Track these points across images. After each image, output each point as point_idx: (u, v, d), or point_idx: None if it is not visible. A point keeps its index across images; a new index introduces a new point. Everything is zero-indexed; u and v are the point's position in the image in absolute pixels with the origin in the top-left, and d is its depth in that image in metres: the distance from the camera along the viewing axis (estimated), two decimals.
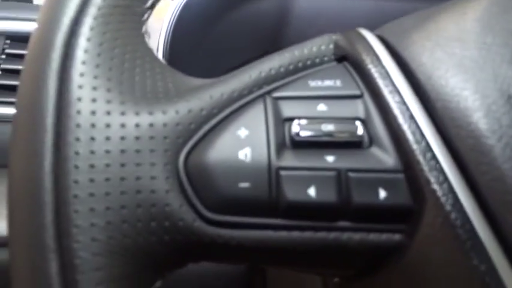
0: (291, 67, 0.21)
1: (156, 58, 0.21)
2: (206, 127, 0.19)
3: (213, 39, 0.50)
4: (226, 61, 0.52)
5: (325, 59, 0.22)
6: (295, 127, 0.18)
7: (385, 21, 0.25)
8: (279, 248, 0.18)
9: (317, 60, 0.21)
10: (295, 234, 0.17)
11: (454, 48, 0.19)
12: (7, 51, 0.58)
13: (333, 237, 0.17)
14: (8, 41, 0.59)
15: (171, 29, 0.46)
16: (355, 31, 0.22)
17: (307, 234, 0.17)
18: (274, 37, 0.56)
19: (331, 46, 0.22)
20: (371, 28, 0.24)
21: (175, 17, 0.46)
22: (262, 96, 0.19)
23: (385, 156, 0.18)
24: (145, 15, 0.22)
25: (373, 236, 0.17)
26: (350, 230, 0.17)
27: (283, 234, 0.17)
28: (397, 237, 0.17)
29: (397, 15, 0.25)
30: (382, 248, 0.18)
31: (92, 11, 0.19)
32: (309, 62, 0.21)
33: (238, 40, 0.54)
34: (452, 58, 0.18)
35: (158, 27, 0.51)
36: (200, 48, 0.49)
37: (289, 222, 0.17)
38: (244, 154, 0.17)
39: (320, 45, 0.22)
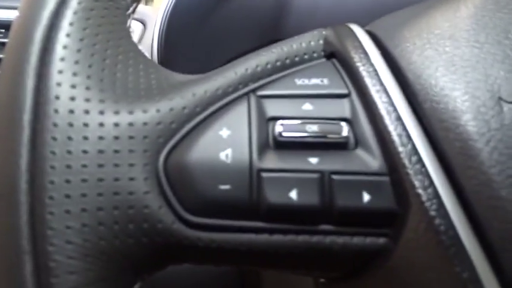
0: (278, 64, 0.20)
1: (139, 53, 0.20)
2: (188, 126, 0.18)
3: (210, 30, 0.49)
4: (223, 53, 0.51)
5: (315, 55, 0.21)
6: (278, 127, 0.17)
7: (386, 13, 0.24)
8: (261, 251, 0.17)
9: (306, 56, 0.21)
10: (277, 237, 0.17)
11: (445, 47, 0.18)
12: (1, 40, 0.58)
13: (316, 241, 0.17)
14: (3, 30, 0.58)
15: (167, 19, 0.45)
16: (346, 26, 0.21)
17: (289, 237, 0.17)
18: (273, 29, 0.55)
19: (321, 42, 0.21)
20: (372, 20, 0.23)
21: (171, 6, 0.45)
22: (246, 94, 0.19)
23: (370, 159, 0.17)
24: (130, 10, 0.21)
25: (356, 240, 0.17)
26: (333, 233, 0.17)
27: (264, 237, 0.17)
28: (381, 241, 0.17)
29: (398, 7, 0.24)
30: (366, 252, 0.17)
31: (73, 5, 0.19)
32: (297, 59, 0.21)
33: (235, 31, 0.53)
34: (442, 57, 0.18)
35: (155, 18, 0.51)
36: (196, 40, 0.49)
37: (270, 226, 0.17)
38: (226, 155, 0.17)
39: (310, 41, 0.21)
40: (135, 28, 0.55)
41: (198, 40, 0.49)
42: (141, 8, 0.57)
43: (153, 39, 0.46)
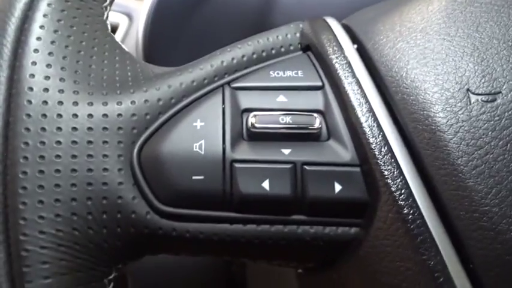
0: (254, 56, 0.20)
1: (116, 46, 0.20)
2: (162, 118, 0.18)
3: (195, 26, 0.49)
4: (209, 47, 0.51)
5: (291, 48, 0.21)
6: (252, 119, 0.18)
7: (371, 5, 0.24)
8: (235, 241, 0.17)
9: (282, 49, 0.21)
10: (251, 227, 0.17)
11: (416, 40, 0.18)
12: None
13: (288, 231, 0.17)
14: None
15: (151, 13, 0.45)
16: (322, 19, 0.21)
17: (262, 227, 0.17)
18: (259, 25, 0.55)
19: (298, 35, 0.21)
20: None
21: (156, 1, 0.45)
22: (221, 86, 0.19)
23: (342, 150, 0.17)
24: (107, 2, 0.21)
25: (328, 230, 0.17)
26: (305, 223, 0.17)
27: (238, 227, 0.17)
28: (352, 231, 0.17)
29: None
30: (338, 242, 0.17)
31: None
32: (273, 51, 0.21)
33: (221, 27, 0.53)
34: (414, 50, 0.18)
35: (141, 11, 0.51)
36: (182, 35, 0.48)
37: (244, 216, 0.17)
38: (199, 146, 0.17)
39: (286, 33, 0.21)
40: (121, 22, 0.55)
41: (183, 35, 0.48)
42: (128, 1, 0.56)
43: (137, 34, 0.46)
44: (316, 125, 0.18)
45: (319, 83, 0.19)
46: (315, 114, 0.18)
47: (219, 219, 0.17)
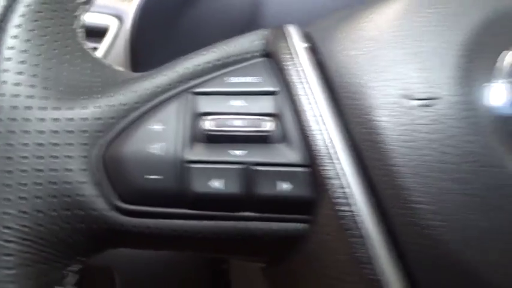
0: (219, 62, 0.22)
1: (87, 53, 0.22)
2: (126, 121, 0.19)
3: (183, 29, 0.51)
4: (197, 49, 0.52)
5: (256, 54, 0.22)
6: (208, 122, 0.19)
7: None
8: (191, 237, 0.19)
9: (247, 55, 0.22)
10: (205, 223, 0.19)
11: (369, 47, 0.19)
12: None
13: (240, 227, 0.19)
14: None
15: (138, 16, 0.46)
16: (284, 27, 0.22)
17: (215, 223, 0.18)
18: (247, 26, 0.56)
19: (263, 42, 0.23)
20: None
21: (142, 2, 0.46)
22: (184, 91, 0.20)
23: (292, 152, 0.19)
24: (79, 11, 0.23)
25: (277, 226, 0.19)
26: (255, 219, 0.18)
27: (194, 223, 0.18)
28: (300, 226, 0.18)
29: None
30: (288, 237, 0.19)
31: (20, 8, 0.20)
32: (239, 57, 0.22)
33: (209, 29, 0.54)
34: (365, 57, 0.19)
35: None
36: (169, 38, 0.50)
37: (198, 213, 0.18)
38: (157, 148, 0.18)
39: (252, 40, 0.23)
40: (112, 24, 0.56)
41: (170, 37, 0.50)
42: (118, 3, 0.58)
43: (126, 37, 0.47)
44: (269, 128, 0.19)
45: (276, 89, 0.20)
46: (268, 118, 0.19)
47: (176, 216, 0.18)
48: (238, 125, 0.19)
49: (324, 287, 0.18)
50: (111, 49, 0.56)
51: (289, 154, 0.18)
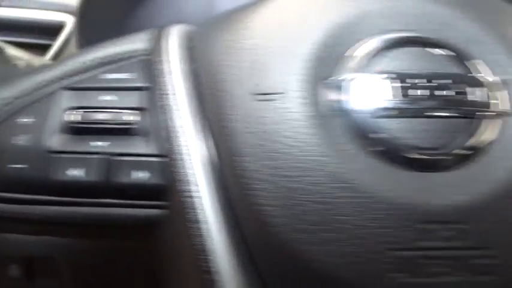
0: (103, 60, 0.23)
1: None
2: (3, 115, 0.21)
3: (133, 26, 0.52)
4: None
5: (139, 52, 0.24)
6: (73, 116, 0.20)
7: None
8: (56, 222, 0.20)
9: (131, 54, 0.23)
10: (67, 209, 0.20)
11: (230, 50, 0.21)
12: None
13: (101, 213, 0.20)
14: None
15: (81, 10, 0.47)
16: (168, 27, 0.24)
17: (77, 209, 0.20)
18: None
19: (147, 41, 0.24)
20: None
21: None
22: (60, 87, 0.22)
23: (152, 143, 0.20)
24: None
25: (136, 212, 0.20)
26: (115, 206, 0.20)
27: (56, 209, 0.20)
28: (157, 212, 0.20)
29: None
30: (146, 221, 0.20)
31: None
32: (122, 56, 0.23)
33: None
34: (226, 60, 0.21)
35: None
36: (118, 33, 0.51)
37: (60, 199, 0.20)
38: (24, 139, 0.20)
39: (139, 40, 0.24)
40: (68, 21, 0.57)
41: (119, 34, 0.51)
42: (74, 1, 0.59)
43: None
44: (132, 120, 0.20)
45: (146, 85, 0.21)
46: (135, 112, 0.21)
47: (41, 202, 0.20)
48: (102, 118, 0.20)
49: (180, 272, 0.20)
50: (67, 45, 0.57)
51: (148, 145, 0.20)
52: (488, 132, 0.18)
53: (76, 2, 0.59)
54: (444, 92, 0.18)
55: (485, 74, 0.19)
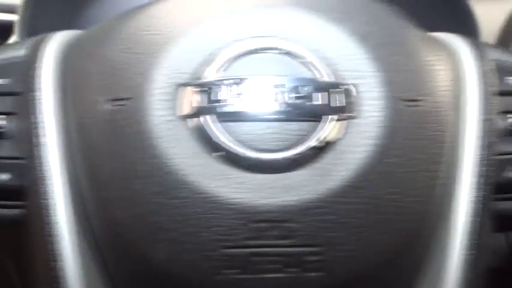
0: None
1: None
2: None
3: (81, 25, 0.52)
4: None
5: (21, 58, 0.24)
6: None
7: None
8: None
9: (15, 59, 0.24)
10: None
11: (92, 57, 0.22)
12: None
13: None
14: None
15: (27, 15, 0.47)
16: (52, 33, 0.25)
17: None
18: None
19: (31, 47, 0.24)
20: None
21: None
22: None
23: (16, 146, 0.21)
24: None
25: None
26: None
27: None
28: (17, 212, 0.21)
29: None
30: (9, 221, 0.21)
31: None
32: (7, 61, 0.24)
33: None
34: (88, 67, 0.21)
35: None
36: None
37: None
38: None
39: (24, 46, 0.24)
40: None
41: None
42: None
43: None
44: (1, 125, 0.21)
45: (19, 90, 0.22)
46: (3, 116, 0.21)
47: None
48: None
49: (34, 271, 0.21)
50: None
51: (12, 148, 0.21)
52: (331, 134, 0.19)
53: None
54: (289, 96, 0.19)
55: (331, 78, 0.20)
